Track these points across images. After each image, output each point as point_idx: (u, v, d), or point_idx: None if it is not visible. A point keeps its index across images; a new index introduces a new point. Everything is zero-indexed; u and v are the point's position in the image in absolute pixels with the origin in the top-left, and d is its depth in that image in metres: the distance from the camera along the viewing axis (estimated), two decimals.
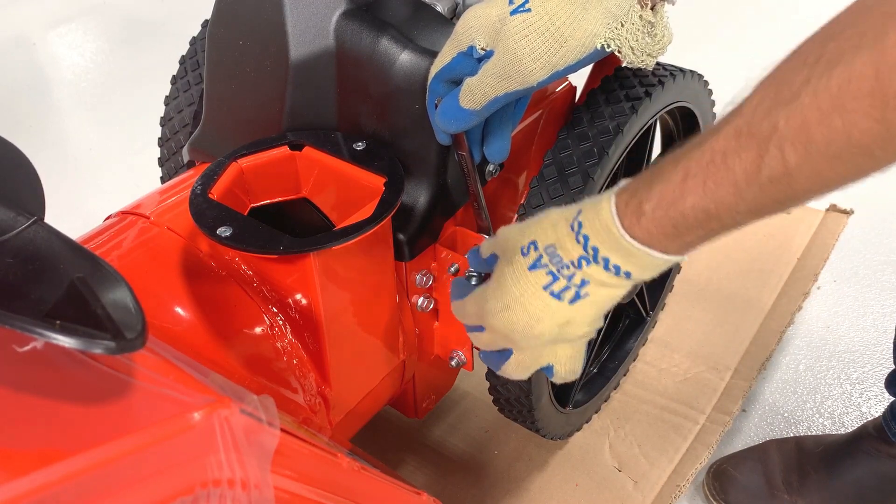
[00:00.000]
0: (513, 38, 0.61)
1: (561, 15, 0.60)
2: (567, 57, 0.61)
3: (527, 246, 0.58)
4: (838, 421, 1.12)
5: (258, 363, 0.67)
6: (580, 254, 0.55)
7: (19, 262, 0.42)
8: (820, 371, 1.19)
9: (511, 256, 0.59)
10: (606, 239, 0.53)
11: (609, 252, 0.54)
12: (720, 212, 0.49)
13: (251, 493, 0.41)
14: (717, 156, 0.47)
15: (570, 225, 0.56)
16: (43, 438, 0.37)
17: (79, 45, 2.30)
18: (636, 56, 0.62)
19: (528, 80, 0.62)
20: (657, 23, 0.62)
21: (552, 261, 0.56)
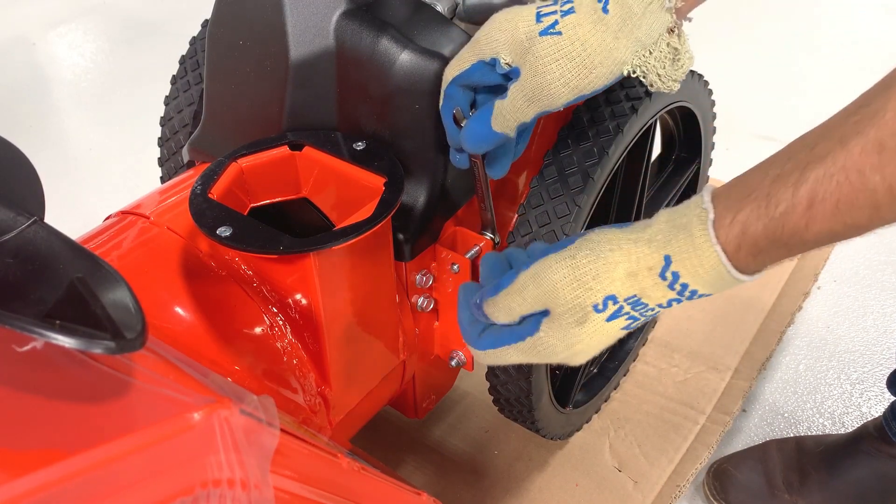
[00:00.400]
0: (542, 62, 0.60)
1: (592, 42, 0.58)
2: (594, 83, 0.60)
3: (602, 302, 0.53)
4: (838, 421, 1.12)
5: (258, 363, 0.67)
6: (671, 297, 0.52)
7: (19, 262, 0.42)
8: (820, 371, 1.19)
9: (580, 315, 0.54)
10: (711, 281, 0.50)
11: (704, 288, 0.51)
12: (848, 233, 0.45)
13: (251, 494, 0.41)
14: (851, 174, 0.43)
15: (658, 275, 0.51)
16: (43, 438, 0.37)
17: (79, 45, 2.30)
18: (662, 83, 0.61)
19: (554, 103, 0.61)
20: (681, 48, 0.61)
21: (635, 308, 0.53)
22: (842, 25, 2.08)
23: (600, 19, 0.57)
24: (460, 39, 0.72)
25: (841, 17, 2.12)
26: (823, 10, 2.16)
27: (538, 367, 0.82)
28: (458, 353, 0.85)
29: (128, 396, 0.40)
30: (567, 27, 0.59)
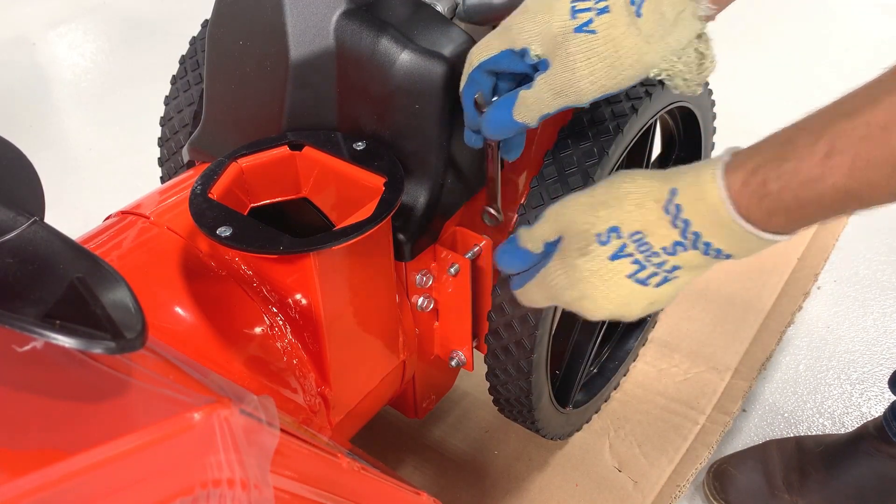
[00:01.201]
0: (574, 58, 0.59)
1: (625, 44, 0.58)
2: (621, 84, 0.60)
3: (605, 233, 0.53)
4: (838, 421, 1.12)
5: (258, 363, 0.67)
6: (675, 240, 0.50)
7: (19, 262, 0.42)
8: (820, 371, 1.19)
9: (583, 244, 0.54)
10: (713, 223, 0.49)
11: (713, 237, 0.49)
12: (864, 192, 0.43)
13: (251, 494, 0.41)
14: (874, 130, 0.42)
15: (662, 207, 0.51)
16: (43, 438, 0.37)
17: (79, 45, 2.30)
18: (687, 87, 0.61)
19: (581, 99, 0.61)
20: (707, 53, 0.61)
21: (639, 249, 0.52)
22: (841, 25, 2.08)
23: (633, 22, 0.57)
24: (460, 39, 0.72)
25: (840, 17, 2.12)
26: (823, 10, 2.16)
27: (538, 366, 0.82)
28: (458, 353, 0.85)
29: (128, 396, 0.40)
30: (602, 27, 0.58)
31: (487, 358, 0.84)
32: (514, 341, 0.79)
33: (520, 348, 0.79)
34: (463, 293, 0.80)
